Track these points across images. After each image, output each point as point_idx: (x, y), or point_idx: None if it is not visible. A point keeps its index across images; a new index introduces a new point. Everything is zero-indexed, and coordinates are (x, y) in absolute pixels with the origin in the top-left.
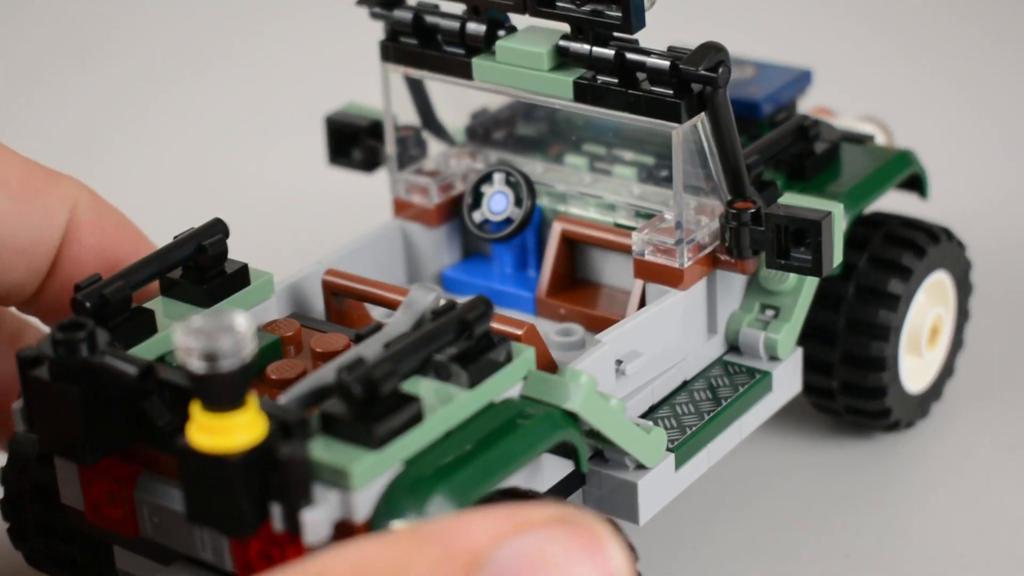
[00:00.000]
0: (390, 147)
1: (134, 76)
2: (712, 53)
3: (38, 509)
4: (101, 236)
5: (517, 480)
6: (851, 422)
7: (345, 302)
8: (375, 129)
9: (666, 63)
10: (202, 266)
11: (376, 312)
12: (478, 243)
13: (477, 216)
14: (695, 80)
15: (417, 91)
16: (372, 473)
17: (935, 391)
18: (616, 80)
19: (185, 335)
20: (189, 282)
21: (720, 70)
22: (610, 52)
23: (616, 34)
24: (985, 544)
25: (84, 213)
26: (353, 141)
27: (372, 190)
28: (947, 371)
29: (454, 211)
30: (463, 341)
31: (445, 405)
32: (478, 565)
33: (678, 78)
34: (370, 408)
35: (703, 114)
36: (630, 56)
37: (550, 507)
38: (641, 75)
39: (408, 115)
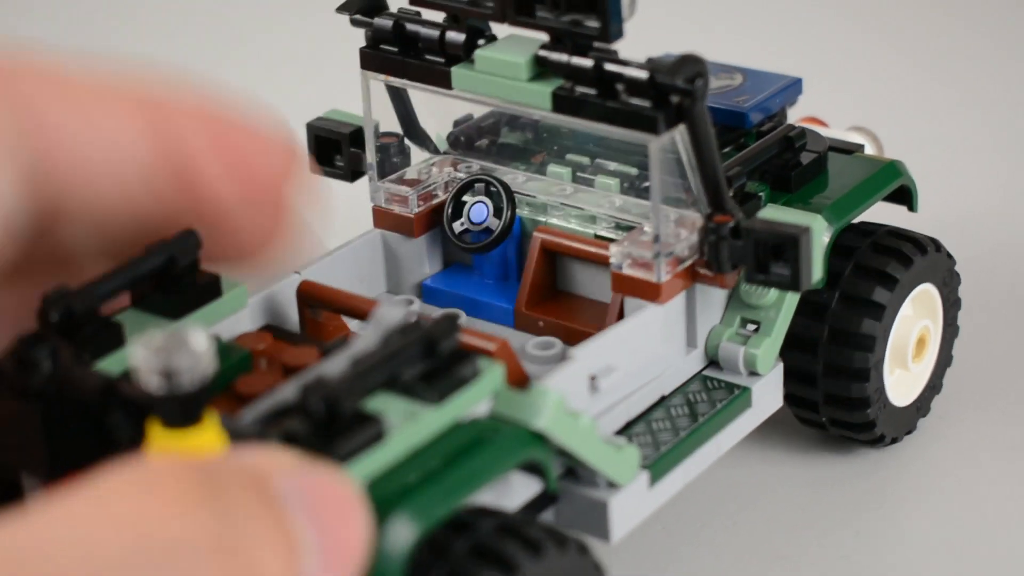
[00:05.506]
0: (370, 155)
1: None
2: (690, 65)
3: None
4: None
5: (485, 499)
6: (836, 435)
7: (321, 313)
8: (357, 136)
9: (644, 74)
10: (173, 277)
11: (353, 324)
12: (460, 253)
13: (458, 226)
14: (672, 92)
15: (399, 99)
16: None
17: (922, 406)
18: (594, 91)
19: (142, 352)
20: (159, 294)
21: (697, 82)
22: (589, 62)
23: (596, 44)
24: (969, 559)
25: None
26: (335, 149)
27: (353, 198)
28: (934, 386)
29: (435, 220)
30: (430, 358)
31: (409, 423)
32: (273, 490)
33: (656, 89)
34: (330, 427)
35: (682, 126)
36: (608, 67)
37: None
38: (620, 86)
39: (391, 122)
